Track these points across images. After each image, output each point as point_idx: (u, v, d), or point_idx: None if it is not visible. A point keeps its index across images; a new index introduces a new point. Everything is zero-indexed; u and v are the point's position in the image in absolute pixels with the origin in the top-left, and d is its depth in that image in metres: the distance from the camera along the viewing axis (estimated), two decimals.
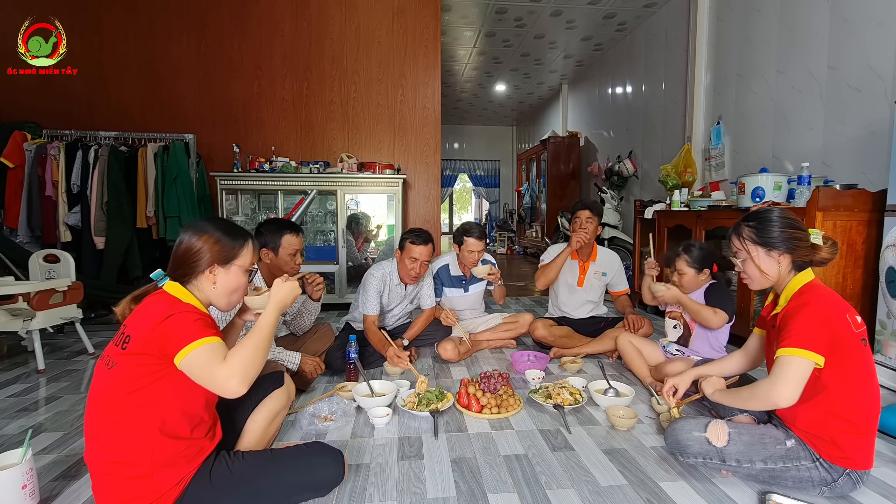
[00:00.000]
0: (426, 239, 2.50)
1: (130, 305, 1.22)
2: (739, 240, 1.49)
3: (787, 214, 1.44)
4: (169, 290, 1.19)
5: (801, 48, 3.27)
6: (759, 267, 1.46)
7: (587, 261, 2.85)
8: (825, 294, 1.35)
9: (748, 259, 1.48)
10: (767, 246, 1.43)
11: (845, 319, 1.29)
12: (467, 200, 18.06)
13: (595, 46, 6.33)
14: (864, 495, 1.39)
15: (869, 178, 2.75)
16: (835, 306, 1.31)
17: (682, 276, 2.24)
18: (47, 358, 2.71)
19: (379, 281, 2.55)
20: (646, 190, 5.48)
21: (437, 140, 4.63)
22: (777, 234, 1.41)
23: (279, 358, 2.06)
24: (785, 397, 1.25)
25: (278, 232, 2.10)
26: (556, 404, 1.95)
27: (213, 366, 1.07)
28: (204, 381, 1.09)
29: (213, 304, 1.27)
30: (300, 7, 4.39)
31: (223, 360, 1.09)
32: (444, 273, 2.87)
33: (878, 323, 2.24)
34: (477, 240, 2.69)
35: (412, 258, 2.49)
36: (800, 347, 1.25)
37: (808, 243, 1.41)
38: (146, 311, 1.12)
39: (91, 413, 1.12)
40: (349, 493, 1.40)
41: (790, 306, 1.36)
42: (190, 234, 1.23)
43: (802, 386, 1.25)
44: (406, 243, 2.50)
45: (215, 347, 1.09)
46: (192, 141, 4.07)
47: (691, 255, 2.21)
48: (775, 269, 1.45)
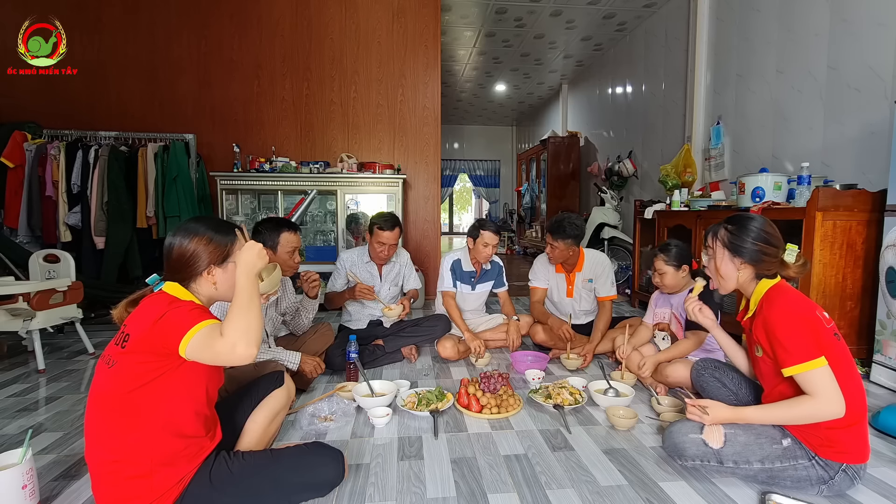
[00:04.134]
0: (393, 224, 2.61)
1: (127, 309, 1.22)
2: (713, 238, 1.52)
3: (765, 228, 1.44)
4: (168, 290, 1.19)
5: (800, 48, 3.27)
6: (718, 268, 1.50)
7: (573, 272, 2.78)
8: (794, 297, 1.36)
9: (712, 258, 1.52)
10: (733, 252, 1.46)
11: (817, 317, 1.32)
12: (467, 200, 18.06)
13: (595, 46, 6.33)
14: (864, 495, 1.39)
15: (869, 178, 2.75)
16: (806, 307, 1.33)
17: (662, 275, 2.26)
18: (47, 358, 2.71)
19: (347, 258, 2.77)
20: (646, 190, 5.49)
21: (437, 140, 4.63)
22: (748, 244, 1.43)
23: (279, 358, 2.06)
24: (838, 408, 1.25)
25: (276, 230, 2.10)
26: (556, 404, 1.95)
27: (215, 341, 1.07)
28: (212, 359, 1.09)
29: (221, 300, 1.28)
30: (300, 7, 4.39)
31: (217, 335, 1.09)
32: (458, 267, 2.86)
33: (878, 323, 2.24)
34: (493, 233, 2.70)
35: (380, 242, 2.62)
36: (808, 360, 1.26)
37: (775, 259, 1.42)
38: (145, 310, 1.12)
39: (91, 412, 1.12)
40: (349, 493, 1.40)
41: (764, 313, 1.37)
42: (180, 238, 1.21)
43: (838, 388, 1.25)
44: (374, 228, 2.62)
45: (213, 327, 1.09)
46: (192, 141, 4.07)
47: (668, 253, 2.24)
48: (733, 275, 1.47)
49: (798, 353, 1.27)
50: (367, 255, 2.77)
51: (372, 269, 2.78)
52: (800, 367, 1.27)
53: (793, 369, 1.28)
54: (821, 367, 1.26)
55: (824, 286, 2.47)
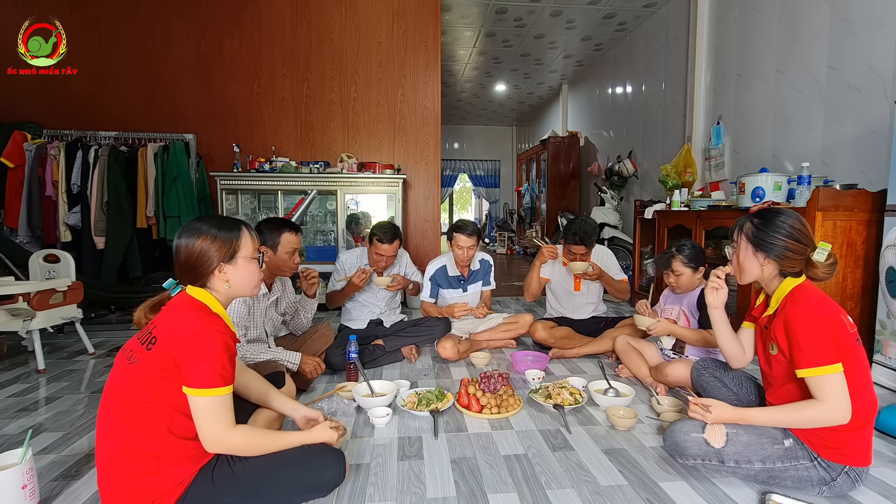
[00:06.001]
0: (392, 237, 2.61)
1: (147, 315, 1.23)
2: (738, 231, 1.50)
3: (795, 224, 1.39)
4: (192, 294, 1.20)
5: (801, 48, 3.27)
6: (741, 262, 1.48)
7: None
8: (819, 299, 1.33)
9: (736, 252, 1.50)
10: (756, 247, 1.43)
11: (842, 321, 1.30)
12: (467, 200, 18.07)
13: (595, 46, 6.33)
14: (864, 495, 1.39)
15: (869, 178, 2.75)
16: (831, 311, 1.31)
17: (678, 276, 2.23)
18: (47, 358, 2.71)
19: (347, 258, 2.79)
20: (646, 190, 5.48)
21: (437, 140, 4.63)
22: (773, 240, 1.39)
23: (279, 358, 2.06)
24: (844, 415, 1.25)
25: (277, 230, 2.10)
26: (556, 404, 1.95)
27: (214, 417, 1.11)
28: (196, 421, 1.12)
29: (237, 296, 1.30)
30: (300, 7, 4.39)
31: (221, 416, 1.12)
32: (441, 275, 2.87)
33: (878, 323, 2.24)
34: (466, 236, 2.69)
35: (378, 254, 2.63)
36: (824, 365, 1.25)
37: (801, 258, 1.38)
38: (177, 320, 1.13)
39: (105, 405, 1.13)
40: (349, 494, 1.41)
41: (787, 313, 1.35)
42: (186, 239, 1.22)
43: (848, 396, 1.25)
44: (374, 240, 2.62)
45: (222, 402, 1.12)
46: (192, 141, 4.07)
47: (685, 254, 2.21)
48: (756, 271, 1.45)
49: (815, 357, 1.26)
50: (367, 259, 2.77)
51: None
52: (815, 370, 1.26)
53: (807, 371, 1.27)
54: (835, 374, 1.24)
55: (824, 286, 2.45)
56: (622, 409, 1.89)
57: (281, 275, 2.21)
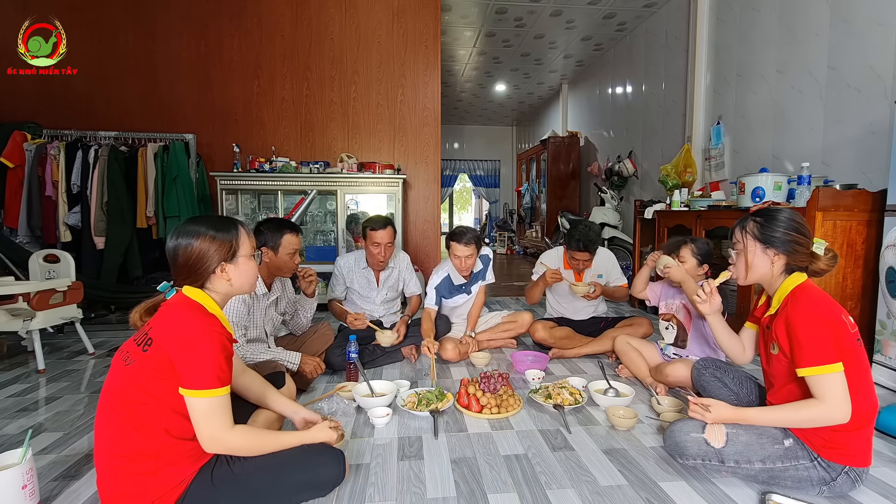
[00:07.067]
0: (384, 223, 2.60)
1: (143, 317, 1.22)
2: (742, 232, 1.50)
3: (796, 218, 1.43)
4: (191, 296, 1.20)
5: (801, 48, 3.27)
6: (750, 262, 1.47)
7: (583, 270, 2.79)
8: (821, 299, 1.34)
9: (742, 252, 1.50)
10: (766, 243, 1.44)
11: (843, 321, 1.30)
12: (467, 200, 18.07)
13: (595, 46, 6.33)
14: (864, 495, 1.39)
15: (869, 178, 2.75)
16: (832, 310, 1.32)
17: (682, 263, 2.24)
18: (47, 358, 2.71)
19: (345, 262, 2.76)
20: (646, 190, 5.48)
21: (437, 140, 4.63)
22: (779, 234, 1.41)
23: (279, 358, 2.06)
24: (843, 414, 1.25)
25: (278, 231, 2.09)
26: (556, 404, 1.95)
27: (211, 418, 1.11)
28: (194, 422, 1.11)
29: (237, 294, 1.31)
30: (300, 7, 4.39)
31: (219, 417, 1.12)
32: (446, 286, 2.80)
33: (878, 323, 2.24)
34: (464, 245, 2.59)
35: (375, 243, 2.60)
36: (824, 364, 1.25)
37: (807, 250, 1.41)
38: (173, 321, 1.12)
39: (103, 407, 1.13)
40: (349, 494, 1.40)
41: (788, 312, 1.35)
42: (183, 241, 1.21)
43: (848, 395, 1.25)
44: (367, 231, 2.61)
45: (220, 402, 1.12)
46: (192, 141, 4.07)
47: (697, 246, 2.24)
48: (767, 267, 1.45)
49: (816, 356, 1.26)
50: (364, 261, 2.74)
51: (369, 274, 2.76)
52: (815, 369, 1.26)
53: (808, 370, 1.27)
54: (835, 373, 1.25)
55: (824, 286, 2.46)
56: (622, 409, 1.89)
57: (281, 275, 2.21)
